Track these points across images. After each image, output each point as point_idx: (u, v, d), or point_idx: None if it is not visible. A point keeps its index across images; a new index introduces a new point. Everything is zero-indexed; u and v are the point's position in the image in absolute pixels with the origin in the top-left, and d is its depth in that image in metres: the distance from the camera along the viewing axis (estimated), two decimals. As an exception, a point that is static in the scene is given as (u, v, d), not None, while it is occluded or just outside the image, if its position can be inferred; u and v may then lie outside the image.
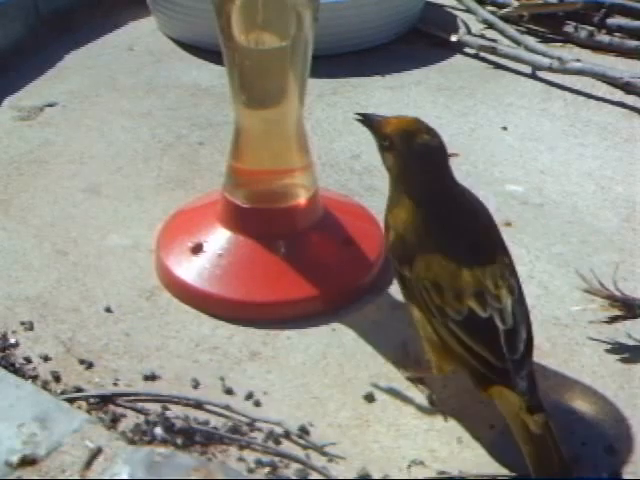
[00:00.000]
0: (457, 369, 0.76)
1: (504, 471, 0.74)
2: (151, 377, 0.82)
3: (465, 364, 0.73)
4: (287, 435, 0.76)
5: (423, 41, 1.50)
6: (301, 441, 0.76)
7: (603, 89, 1.35)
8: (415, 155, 0.77)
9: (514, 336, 0.72)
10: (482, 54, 1.45)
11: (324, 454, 0.75)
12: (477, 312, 0.72)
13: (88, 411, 0.78)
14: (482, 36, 1.51)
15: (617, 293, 0.90)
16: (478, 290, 0.73)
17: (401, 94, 1.34)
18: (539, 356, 0.85)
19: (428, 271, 0.74)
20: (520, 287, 0.77)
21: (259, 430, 0.77)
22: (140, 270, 0.97)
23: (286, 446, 0.76)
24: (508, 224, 1.04)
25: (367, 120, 0.83)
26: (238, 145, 0.94)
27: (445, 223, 0.77)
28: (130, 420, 0.77)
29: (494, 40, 1.47)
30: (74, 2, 1.57)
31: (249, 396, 0.81)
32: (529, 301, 0.92)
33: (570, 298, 0.93)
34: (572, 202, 1.09)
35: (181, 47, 1.49)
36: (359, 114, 0.83)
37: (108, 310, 0.91)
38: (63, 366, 0.84)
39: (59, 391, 0.80)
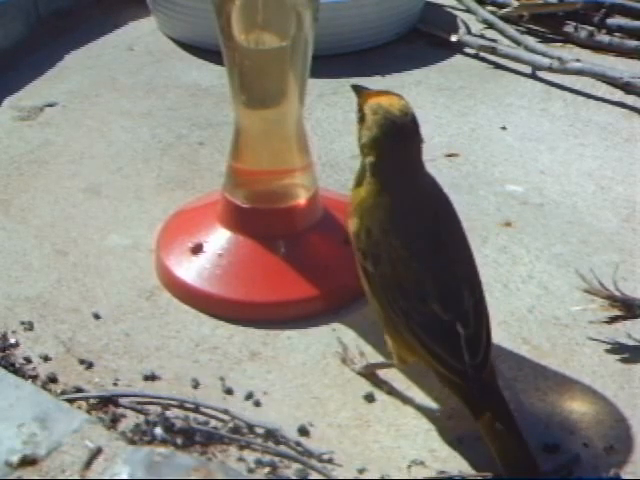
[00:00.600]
0: (418, 361, 0.76)
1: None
2: (151, 377, 0.82)
3: (426, 362, 0.74)
4: (287, 435, 0.76)
5: (423, 41, 1.51)
6: (301, 441, 0.76)
7: (603, 89, 1.35)
8: (381, 130, 0.75)
9: (475, 341, 0.72)
10: (482, 54, 1.45)
11: (324, 454, 0.75)
12: (440, 316, 0.72)
13: (88, 411, 0.77)
14: (482, 36, 1.51)
15: (617, 293, 0.90)
16: (442, 293, 0.73)
17: (401, 94, 1.34)
18: (539, 356, 0.85)
19: (394, 272, 0.73)
20: (480, 283, 0.76)
21: (259, 430, 0.77)
22: (140, 270, 0.97)
23: (286, 446, 0.76)
24: (508, 224, 1.05)
25: (355, 90, 0.81)
26: (238, 145, 0.94)
27: (410, 218, 0.75)
28: (130, 420, 0.77)
29: (494, 40, 1.48)
30: (74, 2, 1.58)
31: (249, 396, 0.81)
32: (529, 301, 0.93)
33: (570, 298, 0.93)
34: (572, 202, 1.09)
35: (181, 47, 1.49)
36: (353, 85, 0.82)
37: (108, 310, 0.91)
38: (63, 366, 0.84)
39: (59, 391, 0.80)
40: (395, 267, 0.74)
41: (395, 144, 0.75)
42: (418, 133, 0.76)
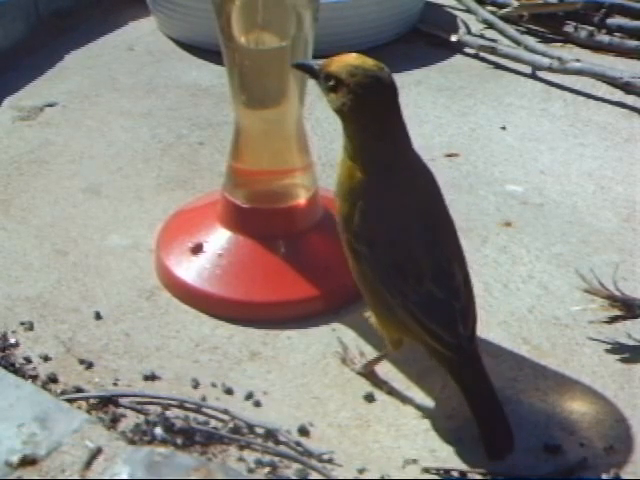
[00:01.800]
0: (410, 341, 0.77)
1: (504, 471, 0.74)
2: (151, 377, 0.82)
3: (420, 339, 0.74)
4: (287, 435, 0.76)
5: (423, 41, 1.51)
6: (301, 441, 0.76)
7: (603, 89, 1.35)
8: (366, 89, 0.73)
9: (466, 313, 0.74)
10: (482, 54, 1.45)
11: (324, 454, 0.75)
12: (435, 294, 0.73)
13: (88, 411, 0.78)
14: (482, 36, 1.51)
15: (617, 293, 0.90)
16: (436, 271, 0.74)
17: (401, 94, 1.33)
18: (539, 356, 0.85)
19: (390, 253, 0.74)
20: (465, 258, 0.77)
21: (259, 430, 0.77)
22: (140, 270, 0.97)
23: (286, 446, 0.76)
24: (508, 224, 1.05)
25: (305, 66, 0.78)
26: (238, 145, 0.94)
27: (404, 198, 0.74)
28: (130, 420, 0.77)
29: (494, 40, 1.48)
30: (74, 2, 1.58)
31: (249, 396, 0.81)
32: (529, 301, 0.93)
33: (570, 298, 0.93)
34: (572, 202, 1.09)
35: (181, 47, 1.49)
36: (295, 64, 0.79)
37: (108, 310, 0.91)
38: (63, 366, 0.84)
39: (59, 391, 0.80)
40: (392, 249, 0.74)
41: (383, 100, 0.74)
42: (396, 86, 0.75)
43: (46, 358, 0.84)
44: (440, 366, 0.75)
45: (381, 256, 0.74)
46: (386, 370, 0.83)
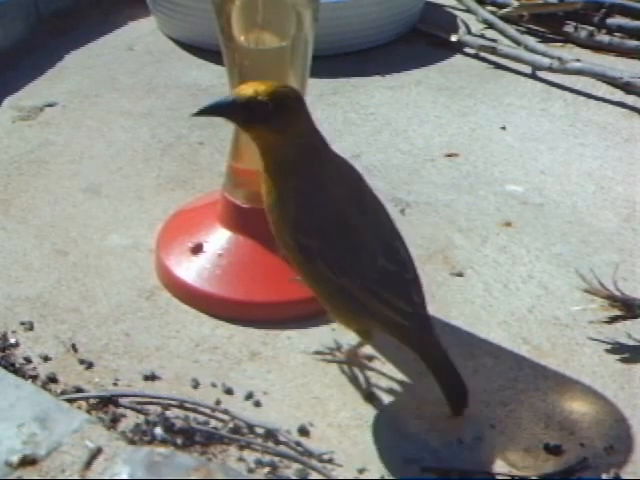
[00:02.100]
0: (366, 327, 0.80)
1: (504, 471, 0.74)
2: (151, 377, 0.82)
3: (378, 319, 0.76)
4: (287, 435, 0.76)
5: (423, 41, 1.51)
6: (301, 441, 0.76)
7: (603, 89, 1.35)
8: (298, 106, 0.77)
9: (417, 283, 0.78)
10: (482, 54, 1.45)
11: (324, 454, 0.75)
12: (388, 268, 0.76)
13: (88, 411, 0.78)
14: (482, 36, 1.51)
15: (617, 293, 0.90)
16: (384, 248, 0.77)
17: (401, 94, 1.34)
18: (539, 356, 0.85)
19: (342, 238, 0.75)
20: (402, 236, 0.79)
21: (259, 430, 0.77)
22: (140, 270, 0.97)
23: (286, 446, 0.76)
24: (508, 224, 1.05)
25: (217, 107, 0.76)
26: (238, 145, 0.94)
27: (335, 188, 0.77)
28: (130, 420, 0.77)
29: (494, 40, 1.48)
30: (74, 2, 1.58)
31: (249, 396, 0.81)
32: (529, 301, 0.93)
33: (570, 298, 0.93)
34: (572, 202, 1.09)
35: (181, 47, 1.49)
36: (199, 113, 0.76)
37: (108, 310, 0.91)
38: (63, 366, 0.84)
39: (59, 391, 0.80)
40: (343, 234, 0.76)
41: (309, 114, 0.77)
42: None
43: (46, 358, 0.84)
44: (399, 340, 0.78)
45: (334, 244, 0.76)
46: (386, 370, 0.83)
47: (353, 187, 0.79)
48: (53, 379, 0.82)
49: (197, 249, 0.93)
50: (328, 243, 0.76)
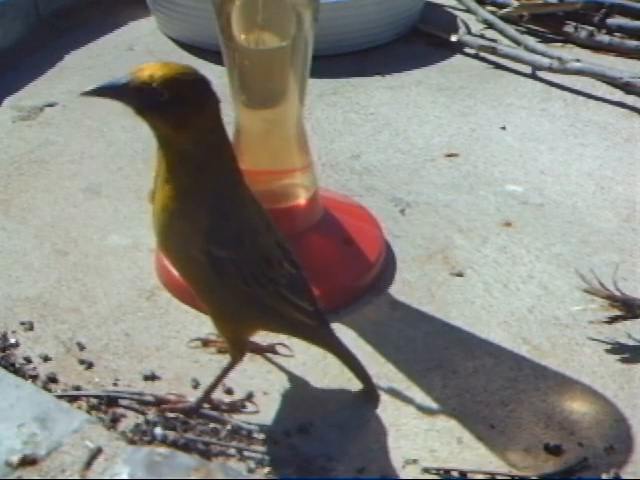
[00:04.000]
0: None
1: (504, 471, 0.74)
2: (151, 377, 0.82)
3: (286, 322, 0.77)
4: (287, 435, 0.76)
5: (423, 41, 1.51)
6: (301, 441, 0.76)
7: (603, 89, 1.35)
8: (201, 101, 0.68)
9: (309, 281, 0.79)
10: (482, 54, 1.45)
11: (324, 454, 0.75)
12: (291, 271, 0.76)
13: (88, 411, 0.78)
14: (482, 36, 1.51)
15: (617, 293, 0.90)
16: (284, 252, 0.77)
17: (401, 94, 1.34)
18: (539, 356, 0.85)
19: (256, 247, 0.74)
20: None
21: (259, 430, 0.77)
22: (140, 270, 0.97)
23: (286, 446, 0.76)
24: (508, 224, 1.05)
25: (108, 89, 0.71)
26: (238, 145, 0.94)
27: (236, 194, 0.74)
28: (130, 420, 0.77)
29: (494, 40, 1.48)
30: (74, 2, 1.58)
31: (249, 396, 0.81)
32: (529, 301, 0.93)
33: (570, 298, 0.93)
34: (572, 202, 1.09)
35: (181, 47, 1.49)
36: (88, 93, 0.71)
37: (108, 310, 0.91)
38: (63, 366, 0.84)
39: (59, 391, 0.80)
40: (256, 242, 0.74)
41: (216, 103, 0.69)
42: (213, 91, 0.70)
43: (46, 358, 0.84)
44: (304, 339, 0.80)
45: (250, 252, 0.74)
46: (386, 370, 0.83)
47: (248, 189, 0.75)
48: (53, 379, 0.82)
49: (197, 249, 0.93)
50: (244, 253, 0.73)
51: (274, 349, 0.85)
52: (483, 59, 1.45)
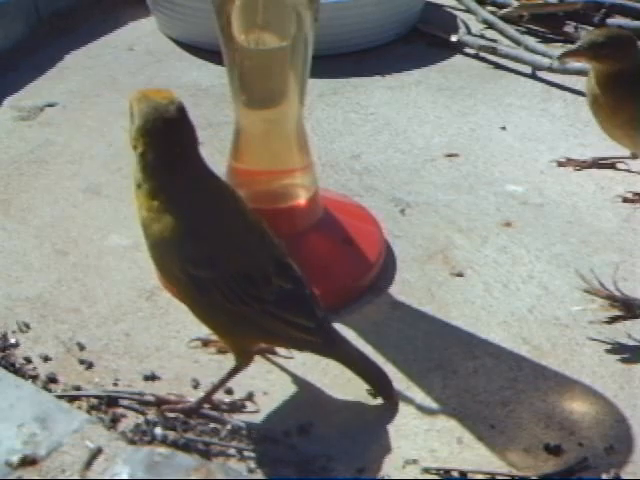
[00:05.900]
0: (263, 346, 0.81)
1: (504, 471, 0.74)
2: (151, 377, 0.83)
3: (281, 338, 0.76)
4: (287, 435, 0.76)
5: (423, 41, 1.50)
6: (301, 441, 0.76)
7: (603, 89, 1.34)
8: (145, 118, 0.75)
9: (315, 297, 0.77)
10: (482, 54, 1.45)
11: (324, 454, 0.75)
12: (285, 287, 0.75)
13: (88, 411, 0.78)
14: (482, 36, 1.50)
15: (617, 293, 0.90)
16: (276, 267, 0.75)
17: (401, 94, 1.34)
18: (539, 356, 0.85)
19: (233, 264, 0.74)
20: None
21: (259, 430, 0.77)
22: (140, 270, 0.97)
23: (286, 446, 0.76)
24: (508, 224, 1.05)
25: None
26: (238, 145, 0.94)
27: (218, 211, 0.74)
28: (130, 420, 0.77)
29: (494, 40, 1.47)
30: (74, 2, 1.57)
31: (249, 396, 0.81)
32: (529, 301, 0.93)
33: (570, 298, 0.93)
34: (572, 202, 1.09)
35: (181, 47, 1.49)
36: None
37: (108, 310, 0.91)
38: (63, 366, 0.84)
39: (59, 391, 0.80)
40: (234, 260, 0.74)
41: (162, 133, 0.75)
42: (187, 122, 0.76)
43: (46, 358, 0.84)
44: (311, 353, 0.79)
45: (226, 271, 0.73)
46: (386, 370, 0.83)
47: (235, 207, 0.76)
48: (53, 379, 0.82)
49: (197, 249, 0.93)
50: (221, 272, 0.73)
51: (274, 349, 0.85)
52: (483, 59, 1.45)
